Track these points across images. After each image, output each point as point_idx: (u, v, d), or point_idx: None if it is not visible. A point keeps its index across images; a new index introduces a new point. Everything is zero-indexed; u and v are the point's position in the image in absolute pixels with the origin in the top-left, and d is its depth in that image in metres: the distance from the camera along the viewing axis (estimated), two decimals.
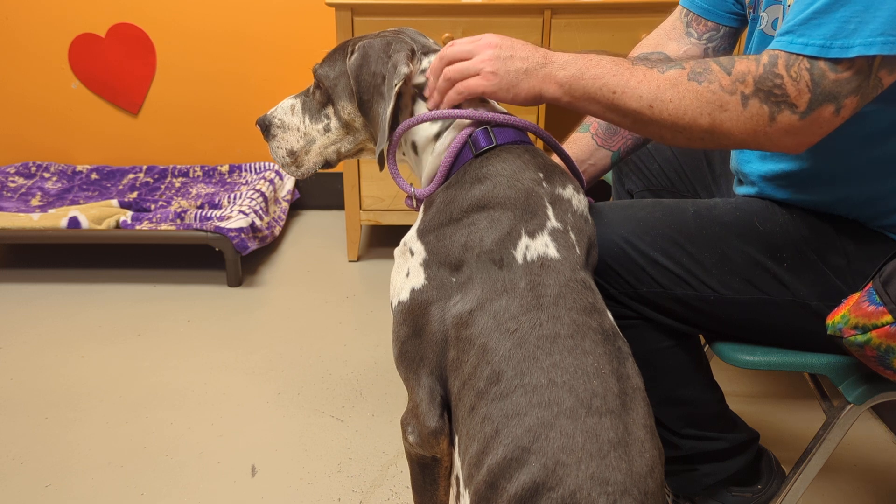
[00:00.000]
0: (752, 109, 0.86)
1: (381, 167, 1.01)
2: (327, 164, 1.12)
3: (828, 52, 0.83)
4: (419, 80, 1.01)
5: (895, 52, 0.82)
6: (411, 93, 1.01)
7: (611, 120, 0.95)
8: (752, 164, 1.11)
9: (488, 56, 0.94)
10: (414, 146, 1.03)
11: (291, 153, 1.10)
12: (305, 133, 1.09)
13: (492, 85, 0.94)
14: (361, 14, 2.14)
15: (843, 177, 1.02)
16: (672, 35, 1.23)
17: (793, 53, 0.85)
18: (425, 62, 1.01)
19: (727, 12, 1.18)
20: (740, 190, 1.17)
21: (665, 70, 0.90)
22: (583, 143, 1.22)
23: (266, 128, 1.10)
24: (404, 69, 0.96)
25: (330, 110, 1.07)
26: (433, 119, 0.98)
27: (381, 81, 0.98)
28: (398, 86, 0.96)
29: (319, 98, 1.08)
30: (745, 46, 1.14)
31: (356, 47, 1.02)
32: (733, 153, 1.18)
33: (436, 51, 1.03)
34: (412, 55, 0.99)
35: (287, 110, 1.10)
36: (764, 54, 0.88)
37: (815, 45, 0.84)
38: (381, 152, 0.99)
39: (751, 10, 1.11)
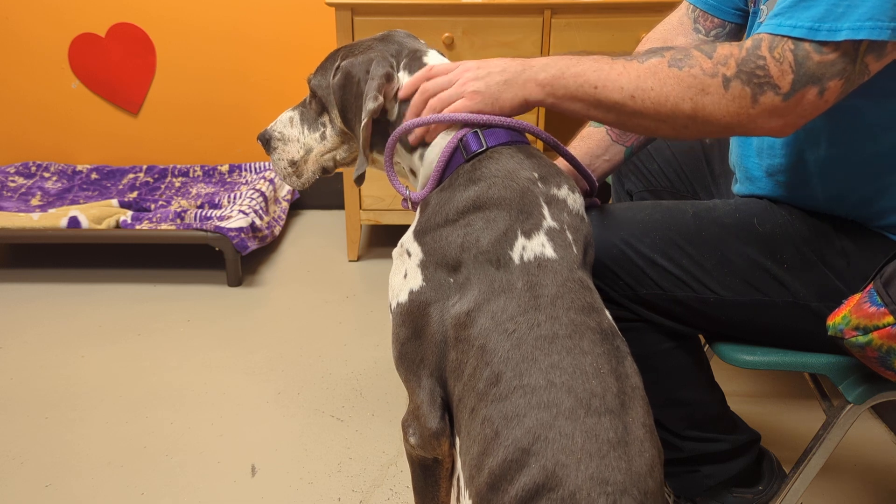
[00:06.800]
0: (734, 92, 0.86)
1: (359, 184, 1.02)
2: (325, 171, 1.12)
3: (815, 34, 0.83)
4: (394, 113, 1.01)
5: (883, 38, 0.82)
6: (396, 108, 1.01)
7: (595, 117, 0.95)
8: (751, 159, 1.11)
9: (468, 78, 0.96)
10: (407, 164, 1.04)
11: (293, 163, 1.11)
12: (304, 143, 1.10)
13: (476, 103, 0.95)
14: (361, 14, 2.14)
15: (840, 172, 1.02)
16: (680, 30, 1.22)
17: (778, 35, 0.85)
18: (406, 78, 1.01)
19: (733, 8, 1.18)
20: (739, 189, 1.17)
21: (645, 60, 0.91)
22: (597, 137, 1.22)
23: (267, 142, 1.12)
24: (371, 104, 0.97)
25: (326, 119, 1.08)
26: (424, 125, 0.98)
27: (362, 104, 0.99)
28: (366, 121, 0.97)
29: (315, 107, 1.09)
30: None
31: (339, 67, 1.03)
32: (733, 148, 1.18)
33: (422, 62, 1.02)
34: (389, 78, 0.99)
35: (286, 123, 1.11)
36: (748, 39, 0.88)
37: (803, 27, 0.83)
38: (363, 171, 1.01)
39: (751, 4, 1.11)
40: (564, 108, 0.95)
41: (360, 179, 1.01)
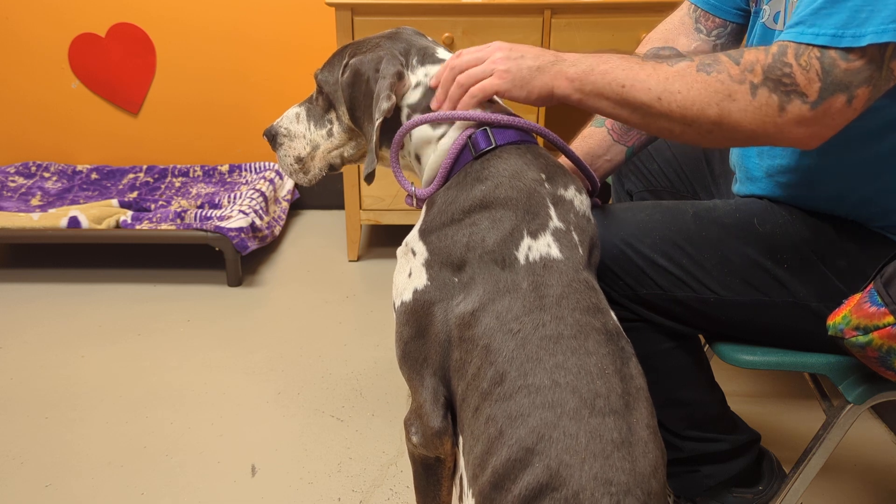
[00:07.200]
0: (761, 99, 0.85)
1: (370, 182, 1.01)
2: (332, 168, 1.12)
3: (839, 41, 0.82)
4: (411, 98, 1.00)
5: None
6: (405, 111, 1.01)
7: (619, 116, 0.94)
8: (752, 159, 1.11)
9: (500, 57, 0.94)
10: (415, 147, 1.03)
11: (299, 160, 1.10)
12: (311, 139, 1.09)
13: (506, 83, 0.93)
14: (361, 14, 2.14)
15: (840, 173, 1.02)
16: (681, 30, 1.22)
17: (802, 43, 0.84)
18: (420, 73, 1.00)
19: (735, 8, 1.18)
20: (739, 189, 1.17)
21: (674, 63, 0.90)
22: (598, 137, 1.21)
23: (273, 138, 1.11)
24: (385, 104, 0.96)
25: (332, 115, 1.08)
26: (434, 121, 0.98)
27: (372, 102, 0.98)
28: (379, 121, 0.96)
29: (322, 104, 1.08)
30: (747, 40, 1.14)
31: (348, 64, 1.02)
32: (733, 148, 1.18)
33: (436, 57, 1.01)
34: (400, 76, 0.99)
35: (292, 119, 1.11)
36: (774, 45, 0.87)
37: (827, 34, 0.82)
38: (373, 169, 1.00)
39: (753, 4, 1.11)
40: (589, 106, 0.94)
41: (370, 177, 1.00)
